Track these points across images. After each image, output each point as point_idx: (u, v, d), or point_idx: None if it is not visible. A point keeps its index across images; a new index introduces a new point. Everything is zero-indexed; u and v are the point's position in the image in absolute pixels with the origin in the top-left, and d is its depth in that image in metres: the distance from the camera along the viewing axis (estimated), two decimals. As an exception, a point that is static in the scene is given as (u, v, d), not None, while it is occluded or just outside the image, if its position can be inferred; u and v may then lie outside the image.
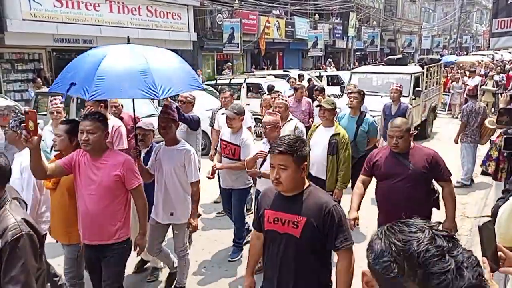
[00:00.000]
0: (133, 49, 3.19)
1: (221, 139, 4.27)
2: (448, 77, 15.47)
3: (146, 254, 3.83)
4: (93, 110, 4.12)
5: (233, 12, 18.92)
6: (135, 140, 3.72)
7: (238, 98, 11.25)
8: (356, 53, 31.53)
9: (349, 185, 4.34)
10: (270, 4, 20.84)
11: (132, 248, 3.01)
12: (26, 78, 12.58)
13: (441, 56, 29.11)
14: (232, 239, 4.43)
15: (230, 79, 12.19)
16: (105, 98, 3.41)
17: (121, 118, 5.08)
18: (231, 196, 4.29)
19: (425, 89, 9.88)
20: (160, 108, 4.72)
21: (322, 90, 7.42)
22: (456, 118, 13.25)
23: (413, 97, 8.85)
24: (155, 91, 2.81)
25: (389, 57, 12.11)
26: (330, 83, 15.11)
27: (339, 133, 4.15)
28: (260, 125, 5.05)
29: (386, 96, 8.42)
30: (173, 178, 3.41)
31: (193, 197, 3.44)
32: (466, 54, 34.67)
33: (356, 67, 16.42)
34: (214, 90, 10.72)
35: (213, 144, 5.50)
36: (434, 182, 3.21)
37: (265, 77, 12.16)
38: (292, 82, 9.96)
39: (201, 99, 9.24)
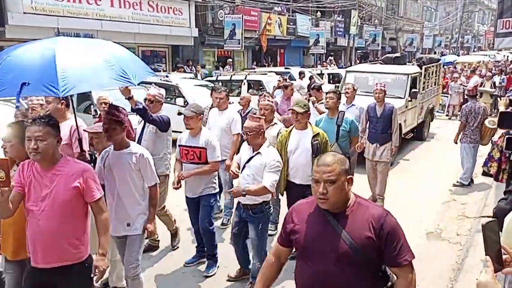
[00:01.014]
0: (82, 41, 3.05)
1: (179, 145, 3.94)
2: (446, 78, 15.12)
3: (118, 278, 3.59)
4: (49, 111, 3.73)
5: (234, 8, 18.86)
6: (79, 144, 3.36)
7: (239, 94, 11.24)
8: (358, 51, 31.45)
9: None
10: (272, 1, 20.76)
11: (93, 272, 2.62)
12: (26, 72, 12.54)
13: (442, 54, 29.07)
14: (206, 256, 4.14)
15: (231, 76, 12.15)
16: (79, 91, 3.12)
17: None
18: (199, 206, 3.98)
19: (423, 90, 9.54)
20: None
21: (319, 88, 7.05)
22: (450, 119, 12.98)
23: (409, 99, 8.51)
24: (128, 78, 2.67)
25: (387, 55, 11.66)
26: (331, 81, 15.12)
27: (318, 133, 3.97)
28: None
29: None
30: (128, 185, 3.10)
31: (151, 201, 3.21)
32: (467, 54, 34.61)
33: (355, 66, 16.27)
34: (215, 87, 10.68)
35: None
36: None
37: (266, 74, 12.12)
38: (279, 81, 9.46)
39: (201, 96, 9.25)
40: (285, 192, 4.20)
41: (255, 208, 3.51)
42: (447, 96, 13.64)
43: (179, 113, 3.96)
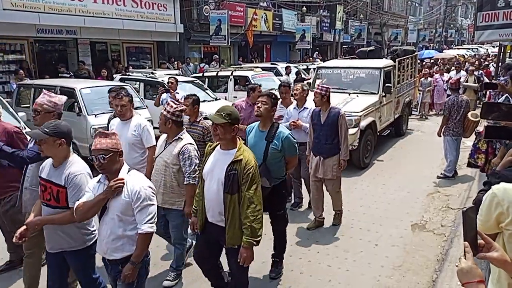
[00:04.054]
0: None
1: (39, 177, 2.82)
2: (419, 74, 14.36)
3: None
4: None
5: (220, 4, 18.74)
6: None
7: (226, 90, 11.20)
8: (344, 46, 31.64)
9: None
10: (257, -4, 20.72)
11: None
12: (8, 70, 12.29)
13: (426, 48, 29.30)
14: None
15: (217, 72, 12.10)
16: None
17: None
18: (63, 263, 2.86)
19: (398, 83, 9.00)
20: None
21: (288, 86, 5.80)
22: (427, 118, 12.33)
23: (383, 94, 8.00)
24: None
25: (361, 49, 11.36)
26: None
27: (240, 160, 2.76)
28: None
29: (354, 93, 7.84)
30: None
31: None
32: (450, 48, 35.06)
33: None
34: (201, 83, 10.63)
35: None
36: None
37: (252, 70, 12.11)
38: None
39: (186, 92, 9.20)
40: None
41: (126, 263, 2.51)
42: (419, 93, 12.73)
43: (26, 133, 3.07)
